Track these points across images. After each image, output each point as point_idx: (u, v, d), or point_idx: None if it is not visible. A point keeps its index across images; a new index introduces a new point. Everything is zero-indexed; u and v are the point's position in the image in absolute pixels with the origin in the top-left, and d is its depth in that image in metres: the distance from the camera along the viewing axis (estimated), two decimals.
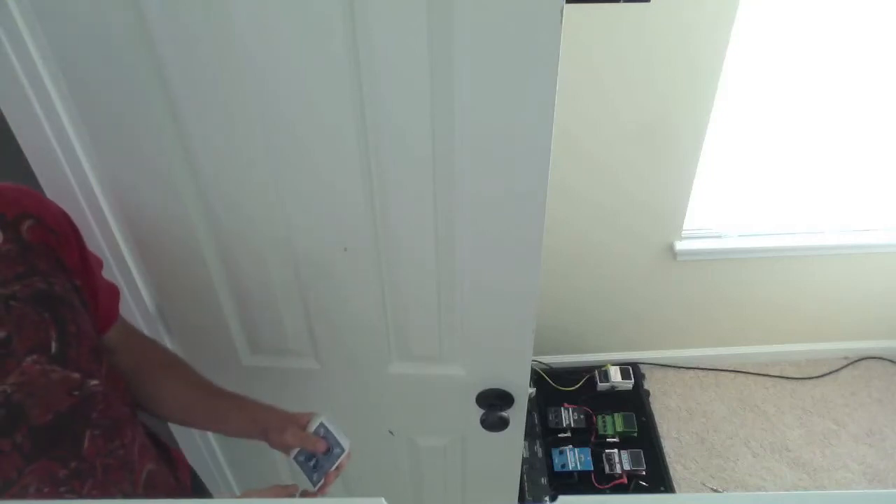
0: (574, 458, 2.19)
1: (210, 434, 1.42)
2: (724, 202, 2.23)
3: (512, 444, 1.36)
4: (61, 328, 0.76)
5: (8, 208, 0.75)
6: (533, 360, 2.15)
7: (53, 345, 0.75)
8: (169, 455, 1.03)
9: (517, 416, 1.27)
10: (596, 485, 2.15)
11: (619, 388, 2.44)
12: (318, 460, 0.97)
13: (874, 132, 2.07)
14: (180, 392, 0.99)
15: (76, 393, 0.77)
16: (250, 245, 1.06)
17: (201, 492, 1.19)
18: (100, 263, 0.92)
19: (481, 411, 1.26)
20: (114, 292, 0.94)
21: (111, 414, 0.82)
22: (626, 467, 2.17)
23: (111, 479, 0.81)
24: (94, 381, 0.79)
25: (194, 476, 1.15)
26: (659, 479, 2.18)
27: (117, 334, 0.94)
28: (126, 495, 0.83)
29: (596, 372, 2.46)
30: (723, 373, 2.67)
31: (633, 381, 2.43)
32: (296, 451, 0.96)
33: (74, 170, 0.97)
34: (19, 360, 0.71)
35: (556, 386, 2.46)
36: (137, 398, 0.94)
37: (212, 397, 0.99)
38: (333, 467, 0.97)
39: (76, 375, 0.77)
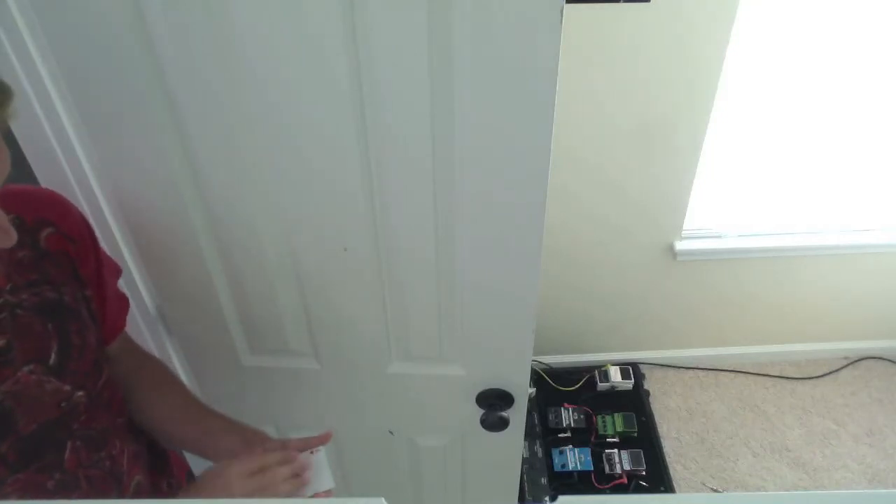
0: (574, 458, 2.19)
1: None
2: (723, 202, 2.23)
3: (512, 444, 1.36)
4: (64, 339, 0.75)
5: (28, 213, 0.74)
6: (533, 360, 2.14)
7: (53, 356, 0.74)
8: (165, 459, 1.02)
9: (517, 416, 1.27)
10: (596, 485, 2.15)
11: (619, 388, 2.44)
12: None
13: (873, 132, 2.07)
14: (172, 407, 0.97)
15: (63, 405, 0.76)
16: (250, 245, 1.06)
17: None
18: (117, 272, 0.92)
19: (481, 411, 1.26)
20: (123, 303, 0.94)
21: (95, 425, 0.81)
22: (626, 467, 2.17)
23: (97, 490, 0.79)
24: (80, 393, 0.78)
25: (191, 477, 1.14)
26: (659, 479, 2.18)
27: (118, 344, 0.94)
28: None
29: (596, 372, 2.46)
30: (723, 373, 2.67)
31: (633, 381, 2.43)
32: None
33: (74, 170, 0.97)
34: (16, 368, 0.71)
35: (556, 386, 2.46)
36: (129, 410, 0.93)
37: (202, 415, 0.97)
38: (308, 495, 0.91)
39: (67, 388, 0.76)
